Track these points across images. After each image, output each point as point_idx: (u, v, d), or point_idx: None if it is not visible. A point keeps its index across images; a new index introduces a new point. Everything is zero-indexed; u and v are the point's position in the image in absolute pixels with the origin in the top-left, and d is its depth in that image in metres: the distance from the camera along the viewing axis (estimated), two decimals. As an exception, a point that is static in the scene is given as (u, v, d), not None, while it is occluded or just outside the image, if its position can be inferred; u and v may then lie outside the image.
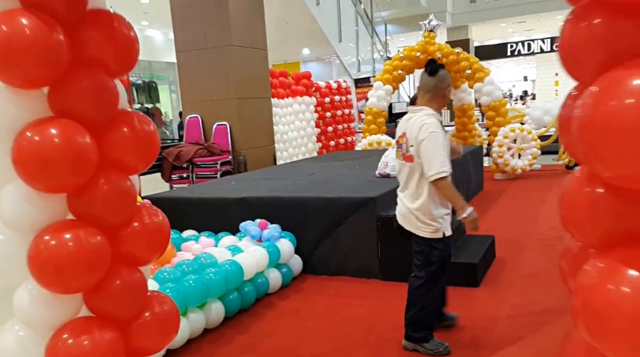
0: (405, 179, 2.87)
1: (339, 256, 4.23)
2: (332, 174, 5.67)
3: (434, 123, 2.69)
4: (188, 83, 7.16)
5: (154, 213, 1.70)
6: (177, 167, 6.59)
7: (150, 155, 1.66)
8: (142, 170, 1.69)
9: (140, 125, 1.64)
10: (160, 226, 1.70)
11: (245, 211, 4.45)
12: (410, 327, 2.92)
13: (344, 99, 10.61)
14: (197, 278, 3.21)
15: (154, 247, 1.68)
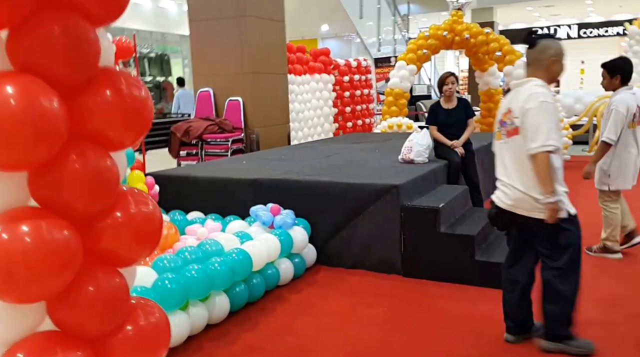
0: (512, 159, 2.53)
1: (357, 248, 3.87)
2: (351, 157, 5.29)
3: (544, 93, 2.44)
4: (200, 55, 6.76)
5: (142, 200, 1.34)
6: (186, 143, 6.23)
7: (139, 127, 1.29)
8: (128, 146, 1.33)
9: (128, 88, 1.27)
10: (149, 217, 1.34)
11: (256, 194, 4.10)
12: (554, 324, 2.58)
13: (363, 78, 10.15)
14: (201, 268, 2.87)
15: (141, 244, 1.33)
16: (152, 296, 2.61)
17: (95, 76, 1.23)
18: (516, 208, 2.52)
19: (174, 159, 6.44)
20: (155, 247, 1.38)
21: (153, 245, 1.36)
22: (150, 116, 1.32)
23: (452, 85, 4.84)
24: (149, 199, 1.37)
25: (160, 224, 1.39)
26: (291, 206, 3.91)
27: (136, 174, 3.83)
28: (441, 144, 4.84)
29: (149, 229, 1.34)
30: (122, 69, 4.79)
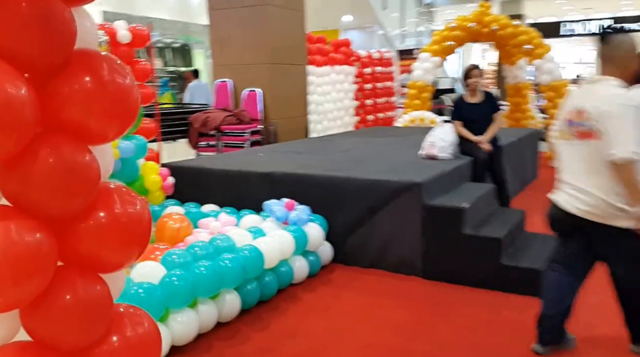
0: (586, 163, 2.33)
1: (375, 247, 3.69)
2: (371, 151, 5.10)
3: (624, 94, 2.25)
4: (220, 45, 6.62)
5: (129, 200, 1.19)
6: (204, 134, 6.12)
7: (123, 118, 1.14)
8: (112, 139, 1.18)
9: (110, 74, 1.12)
10: (136, 218, 1.19)
11: (272, 188, 3.95)
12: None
13: (385, 70, 9.90)
14: (210, 265, 2.74)
15: (126, 247, 1.18)
16: (159, 292, 2.49)
17: (72, 60, 1.08)
18: (591, 215, 2.30)
19: (194, 150, 6.35)
20: (143, 251, 1.24)
21: (140, 248, 1.21)
22: (135, 106, 1.17)
23: (476, 79, 4.61)
24: (137, 198, 1.23)
25: (149, 225, 1.24)
26: (307, 202, 3.75)
27: (150, 165, 3.72)
28: (466, 140, 4.62)
29: (136, 231, 1.19)
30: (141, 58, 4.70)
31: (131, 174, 3.59)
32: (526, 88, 8.65)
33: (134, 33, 4.28)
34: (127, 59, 4.28)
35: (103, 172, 1.19)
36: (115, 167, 3.46)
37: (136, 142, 3.58)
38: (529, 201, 5.55)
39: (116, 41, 4.19)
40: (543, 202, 5.53)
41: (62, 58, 1.05)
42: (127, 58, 4.29)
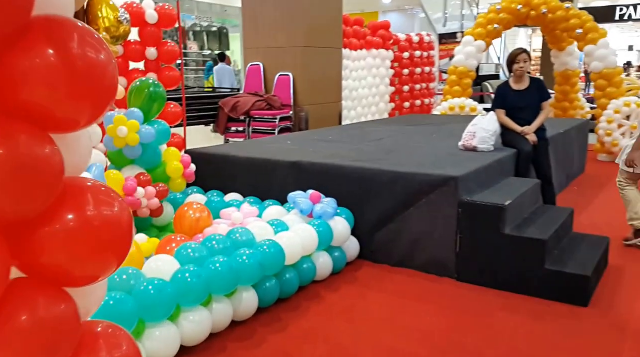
0: None
1: (406, 244, 3.45)
2: (405, 141, 4.83)
3: None
4: (252, 27, 6.43)
5: (105, 200, 1.01)
6: (234, 119, 5.97)
7: (96, 100, 0.95)
8: (84, 126, 0.98)
9: (80, 47, 0.92)
10: (113, 222, 1.01)
11: (298, 178, 3.75)
12: None
13: (425, 55, 9.49)
14: (226, 261, 2.57)
15: (100, 257, 1.00)
16: (170, 289, 2.34)
17: (31, 28, 0.88)
18: None
19: (222, 136, 6.22)
20: (122, 260, 1.05)
21: (118, 258, 1.03)
22: (112, 86, 0.97)
23: (524, 64, 4.25)
24: (116, 199, 1.04)
25: (129, 231, 1.05)
26: (334, 194, 3.54)
27: (172, 152, 3.58)
28: (510, 131, 4.29)
29: (113, 237, 1.00)
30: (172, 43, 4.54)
31: (153, 161, 3.45)
32: (575, 76, 8.13)
33: (161, 13, 4.13)
34: (154, 40, 4.15)
35: (74, 166, 1.01)
36: (136, 152, 3.34)
37: (158, 127, 3.43)
38: (575, 198, 5.17)
39: (144, 21, 4.05)
40: (589, 199, 5.18)
41: (15, 25, 0.86)
42: (155, 39, 4.16)
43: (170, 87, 4.21)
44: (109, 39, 3.04)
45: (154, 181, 3.40)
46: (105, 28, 3.00)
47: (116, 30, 3.06)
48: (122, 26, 3.08)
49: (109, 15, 3.03)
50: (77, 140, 1.00)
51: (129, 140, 3.21)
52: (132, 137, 3.21)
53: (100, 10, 3.01)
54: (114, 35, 3.06)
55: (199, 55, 12.28)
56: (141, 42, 4.04)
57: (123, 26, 3.10)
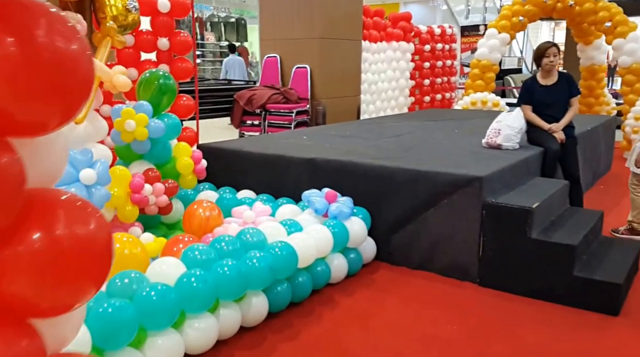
0: None
1: (425, 246, 3.28)
2: (425, 137, 4.63)
3: None
4: (268, 17, 6.26)
5: (79, 216, 0.87)
6: (249, 112, 5.83)
7: (67, 98, 0.80)
8: (54, 128, 0.84)
9: (47, 35, 0.77)
10: (88, 242, 0.86)
11: (313, 175, 3.60)
12: None
13: (447, 48, 9.23)
14: (234, 265, 2.43)
15: (72, 282, 0.85)
16: (174, 295, 2.21)
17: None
18: None
19: (237, 129, 6.09)
20: (100, 285, 0.91)
21: (95, 283, 0.89)
22: (86, 81, 0.82)
23: (554, 58, 4.02)
24: (92, 215, 0.89)
25: (108, 251, 0.91)
26: (350, 192, 3.37)
27: (182, 146, 3.45)
28: (536, 128, 4.07)
29: (86, 261, 0.86)
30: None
31: (162, 156, 3.33)
32: (602, 71, 7.82)
33: (174, 2, 3.99)
34: (166, 30, 4.01)
35: (43, 176, 0.86)
36: (145, 147, 3.21)
37: (168, 121, 3.30)
38: (602, 197, 4.93)
39: (156, 10, 3.92)
40: (616, 199, 4.93)
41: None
42: (167, 28, 4.02)
43: (182, 79, 4.07)
44: (117, 28, 2.90)
45: (163, 176, 3.28)
46: (112, 16, 2.87)
47: (124, 19, 2.93)
48: (130, 14, 2.94)
49: (116, 3, 2.89)
50: (47, 145, 0.86)
51: (137, 134, 3.08)
52: (141, 131, 3.08)
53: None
54: (122, 24, 2.93)
55: (216, 46, 12.15)
56: (153, 32, 3.91)
57: (132, 14, 2.97)
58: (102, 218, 0.93)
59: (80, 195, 2.56)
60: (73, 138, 2.74)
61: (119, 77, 2.84)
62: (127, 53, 3.85)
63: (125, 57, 3.86)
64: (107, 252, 0.91)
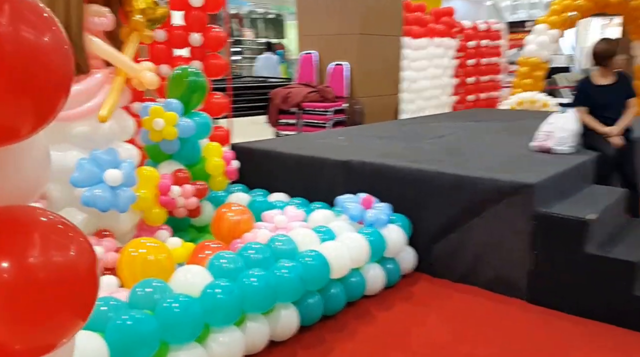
0: None
1: (469, 258, 3.04)
2: (469, 139, 4.37)
3: None
4: (306, 13, 6.10)
5: (56, 239, 0.71)
6: (285, 111, 5.68)
7: (39, 97, 0.64)
8: (26, 134, 0.68)
9: (10, 24, 0.62)
10: (67, 271, 0.70)
11: (348, 179, 3.41)
12: None
13: (492, 44, 8.84)
14: (263, 275, 2.27)
15: (48, 320, 0.70)
16: (198, 307, 2.06)
17: None
18: None
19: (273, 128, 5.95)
20: (85, 317, 0.75)
21: (78, 316, 0.73)
22: (62, 78, 0.66)
23: (621, 57, 3.71)
24: (74, 238, 0.74)
25: (92, 280, 0.75)
26: (388, 198, 3.16)
27: (213, 146, 3.32)
28: (592, 131, 3.75)
29: (66, 292, 0.70)
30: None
31: (192, 156, 3.20)
32: (662, 69, 7.28)
33: (207, -3, 3.87)
34: (199, 25, 3.90)
35: (16, 191, 0.71)
36: (174, 147, 3.09)
37: (198, 119, 3.17)
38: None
39: (188, 4, 3.81)
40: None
41: None
42: (200, 24, 3.90)
43: (215, 76, 3.94)
44: (145, 22, 2.79)
45: (193, 178, 3.15)
46: (140, 10, 2.76)
47: (153, 12, 2.81)
48: (159, 8, 2.82)
49: (145, -4, 2.78)
50: (21, 154, 0.70)
51: (165, 133, 2.97)
52: (169, 131, 2.96)
53: (135, -9, 2.76)
54: (150, 17, 2.81)
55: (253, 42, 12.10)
56: (185, 27, 3.80)
57: (160, 8, 2.84)
58: (86, 241, 0.77)
59: (105, 196, 2.48)
60: (97, 137, 2.64)
61: (146, 73, 2.72)
62: (158, 49, 3.76)
63: (157, 53, 3.77)
64: (90, 281, 0.75)
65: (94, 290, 0.77)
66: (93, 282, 0.76)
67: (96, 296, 0.79)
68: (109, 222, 2.75)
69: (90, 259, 0.76)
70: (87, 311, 0.77)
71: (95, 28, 2.68)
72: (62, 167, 2.60)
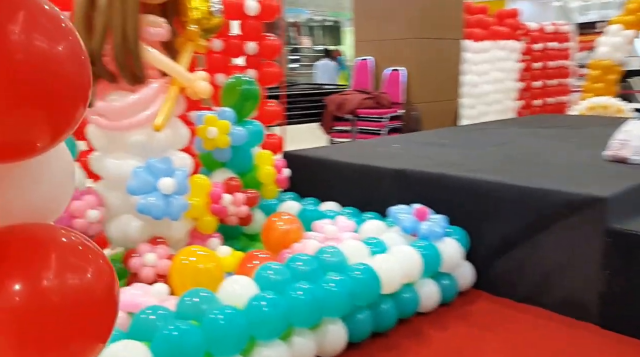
0: None
1: (534, 276, 2.83)
2: (535, 147, 4.11)
3: None
4: (362, 18, 6.01)
5: (74, 262, 0.66)
6: (340, 118, 5.61)
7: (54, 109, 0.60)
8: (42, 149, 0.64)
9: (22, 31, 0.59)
10: (83, 294, 0.65)
11: (402, 188, 3.28)
12: None
13: (561, 46, 8.38)
14: (309, 289, 2.19)
15: (65, 347, 0.64)
16: (243, 319, 2.02)
17: None
18: None
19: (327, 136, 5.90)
20: (104, 341, 0.70)
21: (97, 340, 0.68)
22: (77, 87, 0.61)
23: None
24: (94, 261, 0.69)
25: (111, 301, 0.70)
26: (445, 209, 3.00)
27: (264, 155, 3.30)
28: (675, 139, 3.41)
29: (83, 316, 0.66)
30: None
31: (244, 164, 3.19)
32: None
33: (262, 4, 3.88)
34: (254, 34, 3.91)
35: (34, 209, 0.67)
36: (226, 155, 3.10)
37: (251, 128, 3.16)
38: None
39: (243, 13, 3.83)
40: None
41: None
42: (255, 32, 3.92)
43: (270, 84, 3.95)
44: (200, 32, 2.80)
45: (245, 186, 3.13)
46: (196, 20, 2.77)
47: (207, 23, 2.81)
48: (214, 18, 2.83)
49: (200, 6, 2.79)
50: (39, 169, 0.66)
51: (218, 142, 2.97)
52: (222, 139, 2.96)
53: (190, 1, 2.78)
54: (205, 27, 2.82)
55: (310, 50, 12.16)
56: (241, 36, 3.82)
57: (215, 18, 2.85)
58: (105, 263, 0.72)
59: (158, 204, 2.50)
60: (153, 146, 2.67)
61: (199, 83, 2.73)
62: (215, 58, 3.80)
63: (213, 62, 3.81)
64: (108, 303, 0.70)
65: (112, 313, 0.72)
66: (111, 305, 0.71)
67: (115, 318, 0.74)
68: (163, 230, 2.77)
69: (109, 281, 0.71)
70: (105, 334, 0.72)
71: (152, 38, 2.71)
72: (120, 175, 2.66)
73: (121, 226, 2.71)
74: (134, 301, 2.17)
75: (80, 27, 2.56)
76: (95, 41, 2.55)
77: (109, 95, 2.68)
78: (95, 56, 2.58)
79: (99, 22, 2.54)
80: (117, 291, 0.72)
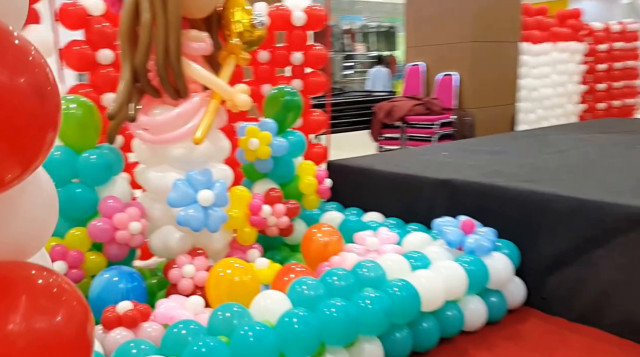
0: None
1: (591, 295, 2.62)
2: (597, 155, 3.84)
3: None
4: (414, 22, 5.88)
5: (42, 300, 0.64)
6: (388, 125, 5.51)
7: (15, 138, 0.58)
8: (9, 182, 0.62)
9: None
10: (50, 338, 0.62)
11: (449, 199, 3.15)
12: None
13: (628, 46, 7.85)
14: (343, 306, 2.12)
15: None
16: (273, 337, 1.98)
17: None
18: None
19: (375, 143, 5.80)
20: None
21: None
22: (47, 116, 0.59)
23: None
24: (65, 301, 0.66)
25: (84, 347, 0.66)
26: (494, 222, 2.85)
27: (306, 165, 3.27)
28: None
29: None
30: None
31: (285, 175, 3.18)
32: None
33: (309, 14, 3.86)
34: (300, 44, 3.90)
35: (6, 247, 0.65)
36: (268, 166, 3.09)
37: (293, 138, 3.14)
38: None
39: (290, 24, 3.83)
40: None
41: None
42: (301, 42, 3.90)
43: (315, 94, 3.92)
44: (242, 45, 2.81)
45: (286, 196, 3.12)
46: (238, 33, 2.79)
47: (250, 36, 2.82)
48: (256, 30, 2.83)
49: (242, 19, 2.80)
50: (11, 204, 0.64)
51: (259, 153, 2.97)
52: (263, 150, 2.96)
53: (233, 14, 2.80)
54: (247, 40, 2.83)
55: (364, 56, 12.08)
56: (286, 47, 3.82)
57: (257, 30, 2.85)
58: (79, 303, 0.69)
59: (197, 216, 2.52)
60: (193, 158, 2.71)
61: (239, 95, 2.74)
62: (261, 69, 3.82)
63: (260, 73, 3.83)
64: (80, 347, 0.67)
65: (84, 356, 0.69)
66: (83, 349, 0.68)
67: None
68: (203, 241, 2.80)
69: (81, 323, 0.68)
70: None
71: (194, 53, 2.75)
72: (161, 188, 2.71)
73: (162, 237, 2.76)
74: (169, 313, 2.19)
75: (124, 43, 2.63)
76: (139, 57, 2.62)
77: (153, 110, 2.74)
78: (139, 72, 2.64)
79: (142, 38, 2.60)
80: (91, 332, 0.70)
